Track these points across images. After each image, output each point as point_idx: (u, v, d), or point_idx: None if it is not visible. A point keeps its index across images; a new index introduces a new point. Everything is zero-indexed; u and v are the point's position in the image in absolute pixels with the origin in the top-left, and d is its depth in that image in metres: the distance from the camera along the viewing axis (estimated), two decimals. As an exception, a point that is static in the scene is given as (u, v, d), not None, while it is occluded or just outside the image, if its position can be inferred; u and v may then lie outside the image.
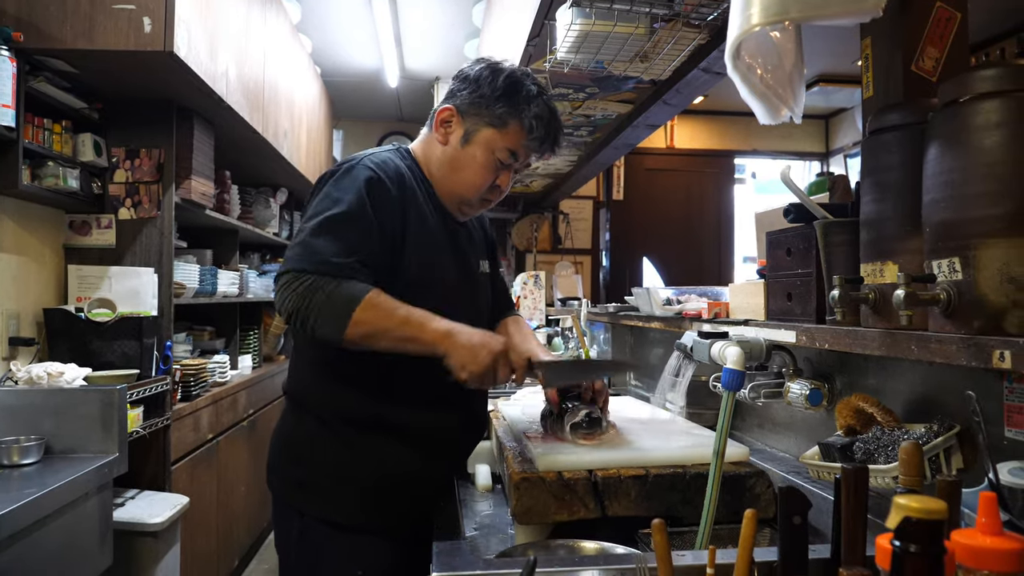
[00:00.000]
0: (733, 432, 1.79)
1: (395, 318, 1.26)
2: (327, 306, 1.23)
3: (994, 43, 3.94)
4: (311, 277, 1.24)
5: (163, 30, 2.31)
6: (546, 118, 1.44)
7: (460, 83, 1.48)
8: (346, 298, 1.23)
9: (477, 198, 1.48)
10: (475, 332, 1.30)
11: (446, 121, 1.47)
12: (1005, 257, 0.85)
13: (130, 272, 2.71)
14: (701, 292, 2.21)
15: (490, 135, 1.44)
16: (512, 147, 1.44)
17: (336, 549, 1.40)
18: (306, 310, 1.24)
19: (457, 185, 1.47)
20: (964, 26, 1.21)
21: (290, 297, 1.24)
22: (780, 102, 1.16)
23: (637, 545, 1.19)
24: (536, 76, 1.50)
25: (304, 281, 1.24)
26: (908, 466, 0.79)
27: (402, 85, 5.20)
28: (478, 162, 1.44)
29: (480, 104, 1.44)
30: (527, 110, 1.42)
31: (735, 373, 1.20)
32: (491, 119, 1.43)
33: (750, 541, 0.83)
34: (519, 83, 1.44)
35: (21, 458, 1.96)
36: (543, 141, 1.46)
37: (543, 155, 1.50)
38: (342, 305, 1.23)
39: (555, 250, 5.79)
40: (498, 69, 1.46)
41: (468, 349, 1.26)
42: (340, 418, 1.41)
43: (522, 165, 1.49)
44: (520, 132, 1.43)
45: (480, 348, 1.26)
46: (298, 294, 1.24)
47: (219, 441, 3.24)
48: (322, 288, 1.23)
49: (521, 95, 1.43)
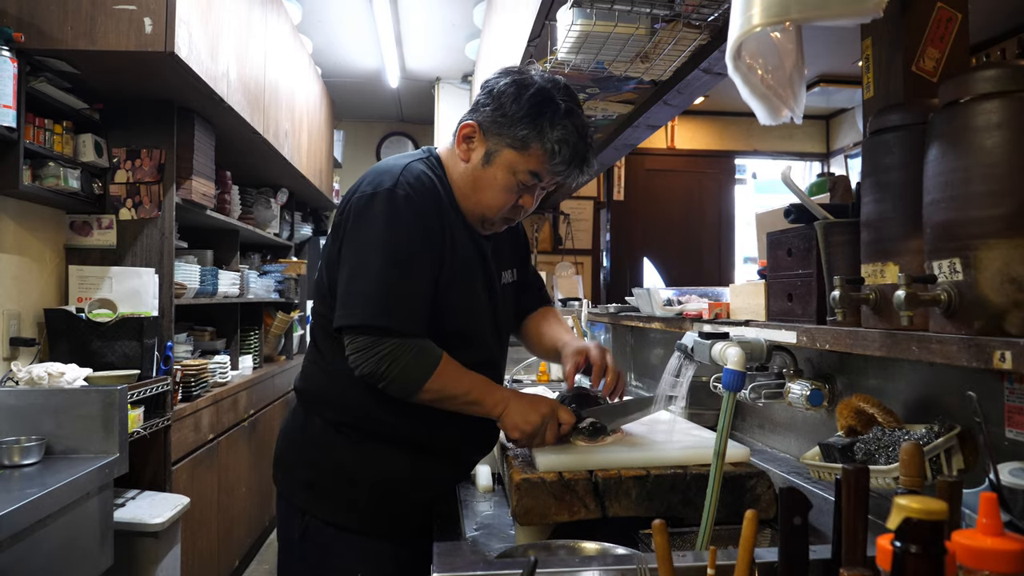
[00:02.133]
0: (734, 433, 1.79)
1: (461, 387, 1.35)
2: (402, 376, 1.30)
3: (995, 44, 3.93)
4: (389, 344, 1.29)
5: (164, 30, 2.31)
6: (572, 141, 1.36)
7: (485, 96, 1.41)
8: (421, 369, 1.31)
9: (499, 217, 1.45)
10: (528, 398, 1.40)
11: (468, 137, 1.42)
12: (1006, 257, 0.85)
13: (131, 272, 2.71)
14: (702, 293, 2.21)
15: (512, 157, 1.37)
16: (535, 170, 1.38)
17: (338, 550, 1.40)
18: (382, 375, 1.30)
19: (478, 205, 1.42)
20: (965, 27, 1.21)
21: (368, 362, 1.30)
22: (781, 102, 1.16)
23: (638, 546, 1.19)
24: (571, 88, 1.41)
25: (382, 347, 1.29)
26: (909, 467, 0.79)
27: (403, 86, 5.20)
28: (499, 184, 1.39)
29: (502, 124, 1.37)
30: (550, 133, 1.34)
31: (736, 374, 1.20)
32: (512, 141, 1.37)
33: (751, 542, 0.82)
34: (545, 103, 1.35)
35: (22, 458, 1.96)
36: (569, 164, 1.38)
37: (570, 178, 1.42)
38: (417, 376, 1.31)
39: (556, 250, 5.79)
40: (524, 85, 1.37)
41: (520, 414, 1.37)
42: (349, 424, 1.42)
43: (548, 186, 1.43)
44: (543, 156, 1.36)
45: (530, 414, 1.37)
46: (375, 360, 1.29)
47: (220, 441, 3.24)
48: (400, 358, 1.29)
49: (545, 117, 1.34)
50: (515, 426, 1.36)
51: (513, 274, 1.62)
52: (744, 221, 5.94)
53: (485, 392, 1.37)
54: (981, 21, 3.72)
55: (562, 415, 1.40)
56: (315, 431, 1.45)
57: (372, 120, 6.16)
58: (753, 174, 6.31)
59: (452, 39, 4.45)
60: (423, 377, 1.30)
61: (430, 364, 1.31)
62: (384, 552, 1.41)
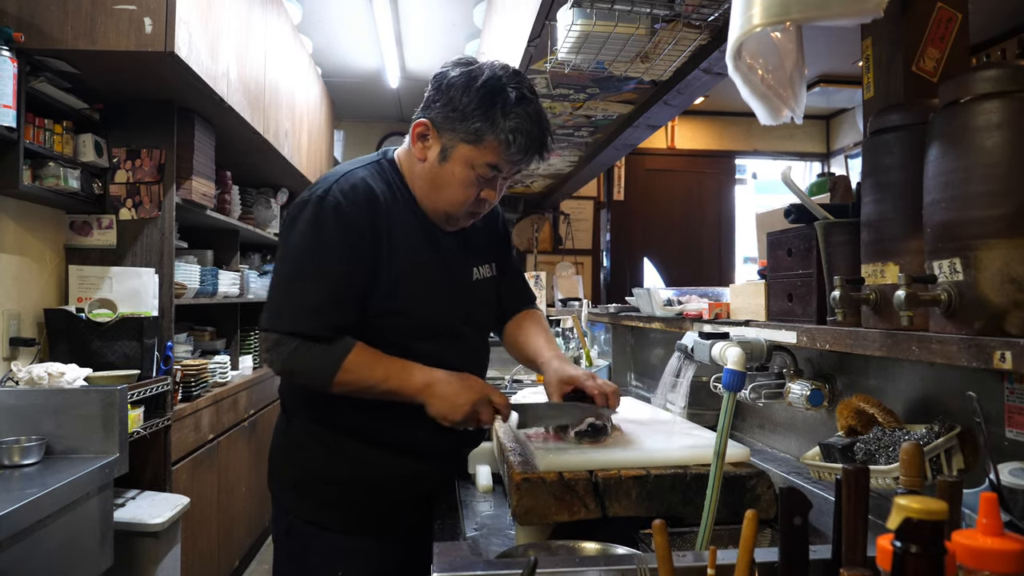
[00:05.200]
0: (734, 433, 1.79)
1: (375, 376, 1.34)
2: (309, 371, 1.34)
3: (995, 44, 3.94)
4: (294, 342, 1.32)
5: (164, 30, 2.31)
6: (526, 129, 1.33)
7: (435, 92, 1.38)
8: (325, 363, 1.31)
9: (463, 212, 1.43)
10: (453, 380, 1.35)
11: (422, 136, 1.40)
12: (1006, 258, 0.85)
13: (131, 272, 2.71)
14: (702, 293, 2.21)
15: (467, 151, 1.35)
16: (492, 162, 1.36)
17: (319, 549, 1.42)
18: (290, 372, 1.36)
19: (439, 203, 1.41)
20: (965, 27, 1.21)
21: (277, 360, 1.34)
22: (781, 102, 1.16)
23: (638, 546, 1.19)
24: (521, 74, 1.39)
25: (288, 345, 1.32)
26: (909, 467, 0.79)
27: (403, 86, 5.20)
28: (457, 180, 1.37)
29: (454, 119, 1.34)
30: (503, 123, 1.32)
31: (736, 374, 1.20)
32: (466, 135, 1.34)
33: (751, 542, 0.82)
34: (495, 93, 1.32)
35: (22, 458, 1.96)
36: (525, 152, 1.36)
37: (530, 165, 1.41)
38: (323, 369, 1.32)
39: (556, 250, 5.79)
40: (473, 76, 1.34)
41: (446, 399, 1.33)
42: (326, 424, 1.43)
43: (508, 176, 1.42)
44: (498, 147, 1.34)
45: (458, 397, 1.33)
46: (283, 357, 1.33)
47: (220, 441, 3.24)
48: (305, 353, 1.32)
49: (497, 107, 1.32)
50: (443, 416, 1.33)
51: (492, 268, 1.59)
52: (744, 221, 5.94)
53: (403, 378, 1.34)
54: (981, 21, 3.73)
55: (495, 397, 1.36)
56: (295, 432, 1.48)
57: (372, 120, 6.16)
58: (753, 174, 6.31)
59: (452, 39, 4.44)
60: (330, 370, 1.31)
61: (335, 358, 1.31)
62: (369, 551, 1.41)
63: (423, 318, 1.42)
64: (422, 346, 1.41)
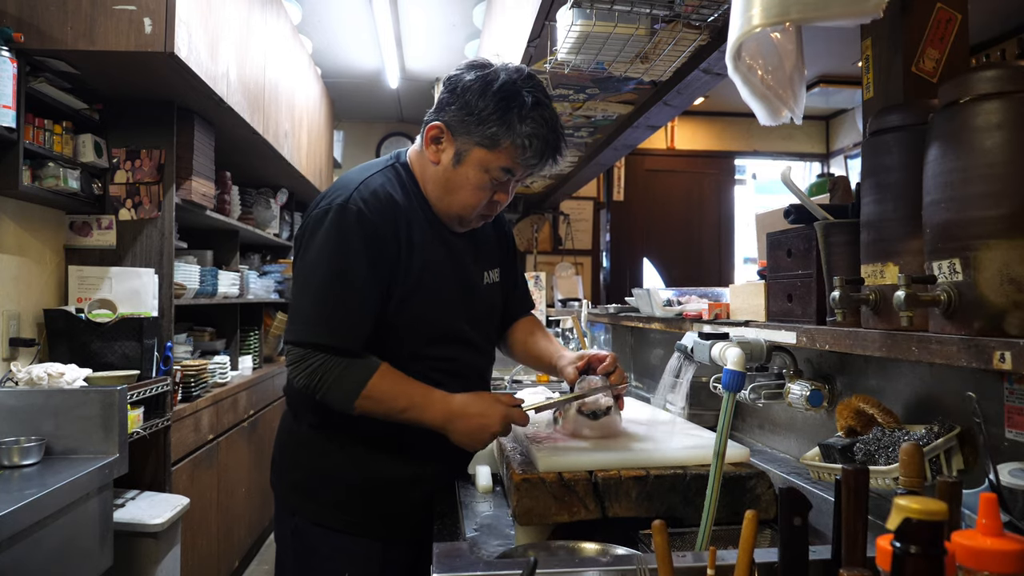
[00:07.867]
0: (733, 433, 1.79)
1: (397, 405, 1.34)
2: (334, 388, 1.31)
3: (994, 44, 3.94)
4: (320, 357, 1.30)
5: (163, 31, 2.31)
6: (542, 134, 1.34)
7: (449, 95, 1.38)
8: (350, 383, 1.31)
9: (475, 215, 1.44)
10: (471, 413, 1.35)
11: (436, 139, 1.39)
12: (1005, 258, 0.85)
13: (131, 273, 2.71)
14: (701, 293, 2.21)
15: (482, 155, 1.35)
16: (507, 166, 1.36)
17: (325, 550, 1.41)
18: (315, 388, 1.32)
19: (452, 206, 1.42)
20: (964, 27, 1.22)
21: (301, 375, 1.32)
22: (781, 103, 1.16)
23: (637, 546, 1.19)
24: (535, 78, 1.39)
25: (314, 361, 1.31)
26: (908, 467, 0.79)
27: (403, 86, 5.20)
28: (472, 183, 1.38)
29: (470, 123, 1.34)
30: (520, 128, 1.32)
31: (735, 374, 1.20)
32: (482, 139, 1.34)
33: (751, 542, 0.82)
34: (511, 97, 1.33)
35: (21, 459, 1.96)
36: (541, 157, 1.37)
37: (544, 169, 1.42)
38: (348, 388, 1.31)
39: (555, 251, 5.79)
40: (489, 79, 1.34)
41: (467, 434, 1.35)
42: (332, 425, 1.43)
43: (521, 179, 1.43)
44: (514, 151, 1.35)
45: (481, 432, 1.34)
46: (307, 373, 1.31)
47: (219, 442, 3.24)
48: (329, 371, 1.30)
49: (513, 112, 1.32)
50: (466, 447, 1.38)
51: (498, 274, 1.59)
52: (744, 221, 5.94)
53: (424, 409, 1.34)
54: (981, 21, 3.73)
55: (513, 415, 1.36)
56: (302, 433, 1.47)
57: (372, 120, 6.16)
58: (753, 174, 6.31)
59: (452, 39, 4.45)
60: (354, 390, 1.31)
61: (361, 379, 1.31)
62: (374, 552, 1.41)
63: (437, 321, 1.43)
64: (434, 350, 1.42)
